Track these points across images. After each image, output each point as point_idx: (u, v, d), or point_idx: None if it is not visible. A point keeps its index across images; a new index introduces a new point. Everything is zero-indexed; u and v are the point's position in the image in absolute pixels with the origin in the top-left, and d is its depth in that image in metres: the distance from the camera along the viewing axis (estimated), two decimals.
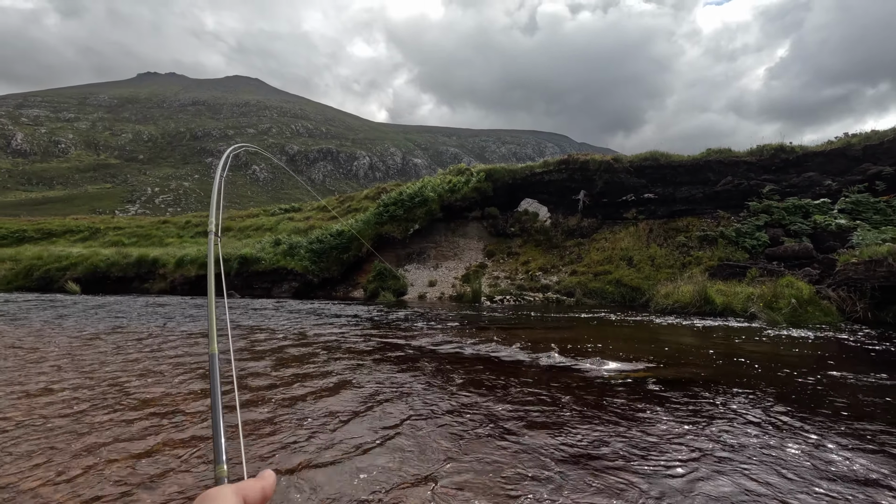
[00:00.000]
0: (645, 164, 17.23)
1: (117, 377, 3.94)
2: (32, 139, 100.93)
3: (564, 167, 18.44)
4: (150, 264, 16.93)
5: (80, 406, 3.11)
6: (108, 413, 2.98)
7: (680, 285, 11.14)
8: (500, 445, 2.53)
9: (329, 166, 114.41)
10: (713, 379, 4.15)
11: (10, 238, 26.39)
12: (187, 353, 5.10)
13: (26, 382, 3.74)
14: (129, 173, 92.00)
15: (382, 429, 2.75)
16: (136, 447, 2.45)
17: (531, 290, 14.21)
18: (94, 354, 4.93)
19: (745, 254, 12.78)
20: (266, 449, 2.44)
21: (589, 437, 2.67)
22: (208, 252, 1.62)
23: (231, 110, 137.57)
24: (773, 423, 2.91)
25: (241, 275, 16.06)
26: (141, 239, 23.54)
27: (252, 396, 3.38)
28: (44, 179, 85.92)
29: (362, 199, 23.39)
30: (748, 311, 9.23)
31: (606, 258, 15.03)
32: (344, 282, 16.52)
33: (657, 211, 16.66)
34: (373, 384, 3.83)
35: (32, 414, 2.95)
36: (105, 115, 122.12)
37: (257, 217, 25.99)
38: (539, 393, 3.64)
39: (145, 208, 74.01)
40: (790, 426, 2.86)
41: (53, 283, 16.55)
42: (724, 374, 4.37)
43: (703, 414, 3.14)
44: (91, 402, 3.19)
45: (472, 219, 18.87)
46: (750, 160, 15.90)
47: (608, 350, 5.51)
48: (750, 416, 3.07)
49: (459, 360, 4.96)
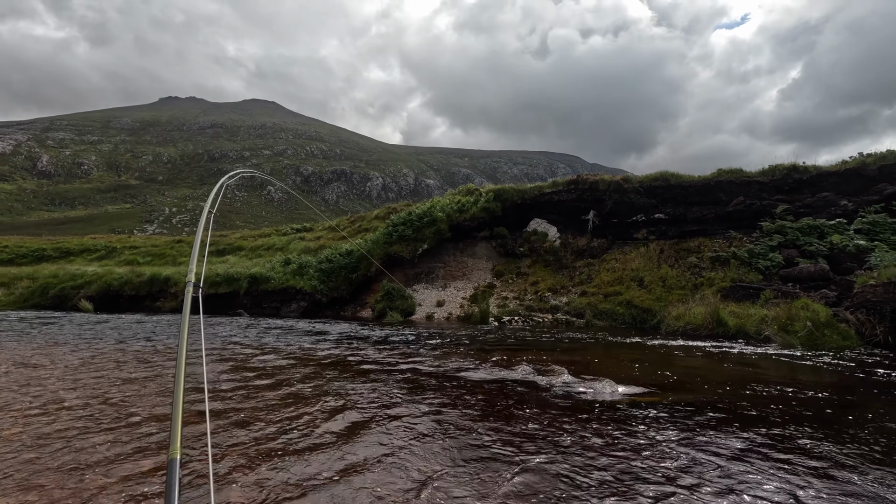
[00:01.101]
0: (655, 185, 17.12)
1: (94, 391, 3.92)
2: (57, 161, 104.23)
3: (574, 187, 18.40)
4: (162, 283, 17.12)
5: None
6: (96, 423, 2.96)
7: (692, 307, 10.91)
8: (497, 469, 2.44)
9: (343, 187, 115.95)
10: (728, 406, 4.00)
11: (29, 257, 27.01)
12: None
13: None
14: (149, 194, 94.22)
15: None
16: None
17: (540, 310, 14.03)
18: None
19: (759, 275, 12.50)
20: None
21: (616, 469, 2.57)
22: (184, 302, 1.57)
23: (248, 132, 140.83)
24: (795, 464, 2.77)
25: (251, 294, 16.14)
26: (155, 258, 23.89)
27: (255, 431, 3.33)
28: (66, 200, 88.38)
29: (373, 220, 23.54)
30: (762, 334, 8.98)
31: (617, 279, 14.83)
32: (352, 301, 16.50)
33: (668, 231, 16.47)
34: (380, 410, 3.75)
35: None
36: (127, 138, 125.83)
37: (269, 237, 26.27)
38: (559, 422, 3.53)
39: (163, 228, 75.46)
40: (813, 469, 2.72)
41: (67, 301, 16.80)
42: (740, 400, 4.21)
43: (717, 448, 3.01)
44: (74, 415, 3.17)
45: (480, 239, 18.84)
46: (762, 180, 15.71)
47: (619, 373, 5.37)
48: (769, 453, 2.93)
49: (469, 384, 4.87)
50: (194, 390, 4.00)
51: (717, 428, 3.30)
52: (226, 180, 2.29)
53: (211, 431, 2.97)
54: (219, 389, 4.23)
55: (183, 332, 1.43)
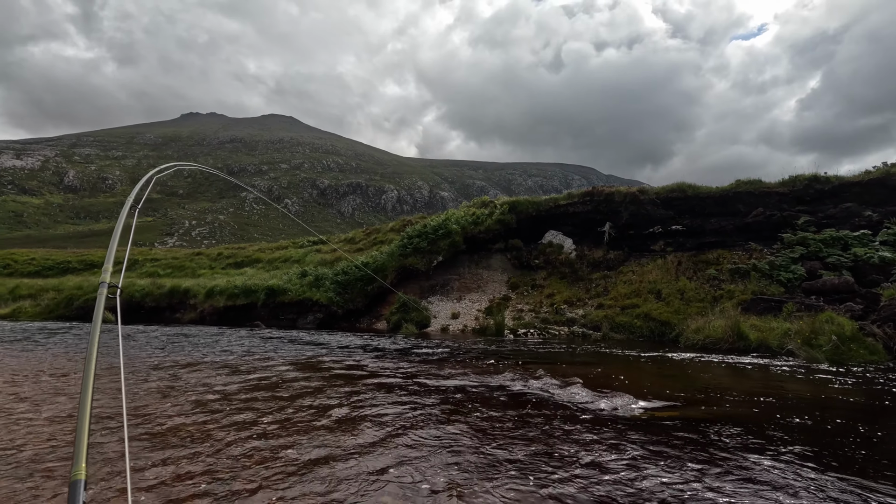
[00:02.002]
0: (672, 196, 16.96)
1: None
2: (83, 176, 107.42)
3: (589, 199, 18.32)
4: (182, 295, 17.43)
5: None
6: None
7: (711, 320, 10.71)
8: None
9: (358, 200, 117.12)
10: (752, 423, 3.92)
11: (55, 269, 27.78)
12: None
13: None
14: (169, 207, 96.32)
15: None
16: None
17: (556, 323, 13.92)
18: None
19: (781, 287, 12.24)
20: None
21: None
22: (97, 305, 1.42)
23: (266, 147, 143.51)
24: (826, 490, 2.69)
25: (268, 305, 16.32)
26: (175, 270, 24.35)
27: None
28: (91, 213, 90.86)
29: (388, 232, 23.70)
30: (785, 348, 8.77)
31: (634, 291, 14.65)
32: (368, 313, 16.57)
33: (686, 243, 16.26)
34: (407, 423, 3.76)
35: None
36: (150, 153, 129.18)
37: (286, 249, 26.61)
38: (590, 437, 3.51)
39: (182, 240, 76.93)
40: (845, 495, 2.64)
41: (91, 313, 17.18)
42: (765, 416, 4.12)
43: (743, 471, 2.95)
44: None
45: (495, 251, 18.82)
46: (782, 191, 15.45)
47: (638, 387, 5.30)
48: (801, 472, 2.87)
49: (486, 396, 4.85)
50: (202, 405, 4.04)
51: (742, 446, 3.23)
52: (155, 174, 2.20)
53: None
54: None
55: (94, 336, 1.34)
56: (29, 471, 2.56)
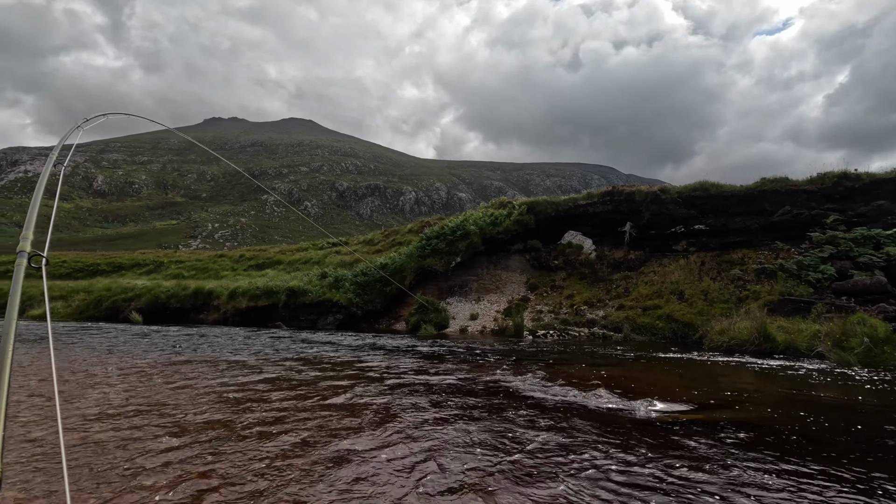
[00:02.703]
0: (694, 195, 16.63)
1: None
2: (111, 181, 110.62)
3: (609, 199, 18.09)
4: (206, 296, 17.78)
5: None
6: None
7: (736, 321, 10.47)
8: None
9: (377, 201, 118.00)
10: (780, 428, 3.82)
11: (85, 271, 28.65)
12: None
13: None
14: (193, 210, 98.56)
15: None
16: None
17: (576, 324, 13.78)
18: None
19: (809, 288, 11.89)
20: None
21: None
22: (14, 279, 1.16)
23: (286, 150, 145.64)
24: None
25: (289, 306, 16.55)
26: (199, 272, 24.87)
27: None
28: (118, 217, 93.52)
29: (406, 233, 23.81)
30: (814, 350, 8.52)
31: (655, 292, 14.42)
32: (387, 314, 16.66)
33: (709, 243, 15.93)
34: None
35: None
36: (174, 158, 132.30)
37: (306, 251, 26.93)
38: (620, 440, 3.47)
39: (206, 242, 78.57)
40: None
41: (120, 313, 17.69)
42: (793, 421, 4.01)
43: (770, 480, 2.88)
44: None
45: (514, 252, 18.73)
46: (810, 189, 15.02)
47: (660, 389, 5.21)
48: (825, 485, 2.79)
49: (512, 399, 4.84)
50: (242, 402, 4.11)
51: (768, 451, 3.15)
52: (83, 124, 1.98)
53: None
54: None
55: (10, 316, 1.08)
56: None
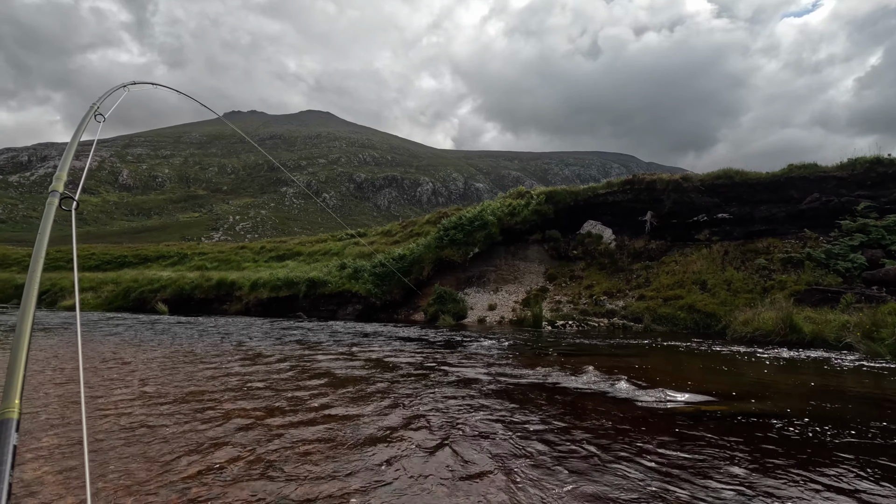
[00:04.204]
0: (718, 183, 16.25)
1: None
2: (136, 175, 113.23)
3: (629, 187, 17.81)
4: (228, 287, 18.17)
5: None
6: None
7: (761, 311, 10.25)
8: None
9: (394, 193, 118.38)
10: (808, 419, 3.75)
11: (113, 263, 29.52)
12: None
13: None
14: (214, 203, 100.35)
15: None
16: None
17: (595, 315, 13.67)
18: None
19: (838, 277, 11.55)
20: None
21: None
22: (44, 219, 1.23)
23: (304, 142, 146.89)
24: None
25: (309, 297, 16.80)
26: (221, 263, 25.38)
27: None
28: (143, 210, 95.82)
29: (424, 224, 23.86)
30: (843, 342, 8.30)
31: (677, 282, 14.19)
32: (405, 305, 16.78)
33: (733, 232, 15.57)
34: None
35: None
36: (196, 151, 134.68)
37: (325, 242, 27.23)
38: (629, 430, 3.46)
39: (227, 235, 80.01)
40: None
41: (146, 304, 18.20)
42: (819, 414, 3.93)
43: (798, 480, 2.83)
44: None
45: (532, 242, 18.61)
46: (840, 175, 14.53)
47: (682, 380, 5.15)
48: (856, 481, 2.73)
49: (524, 389, 4.85)
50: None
51: (795, 444, 3.09)
52: (129, 83, 1.99)
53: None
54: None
55: (38, 253, 1.04)
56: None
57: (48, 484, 2.24)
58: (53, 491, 2.17)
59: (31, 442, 2.80)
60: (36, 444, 2.76)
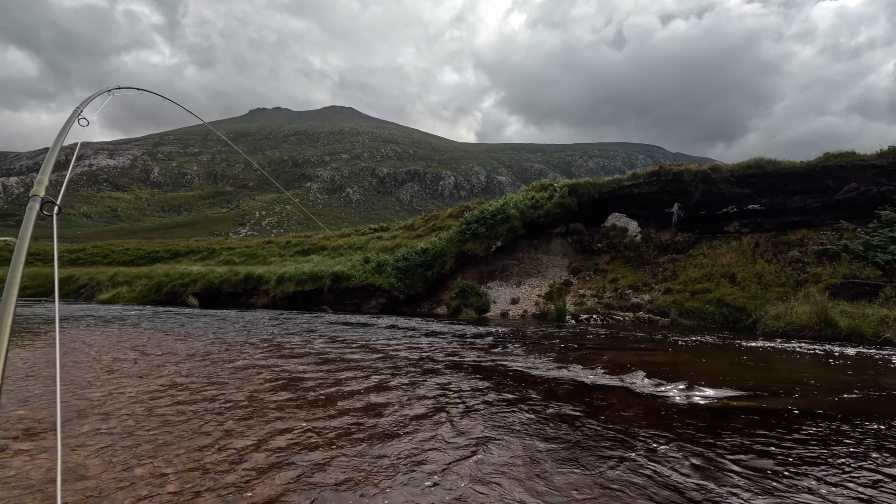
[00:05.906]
0: (748, 173, 15.74)
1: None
2: (166, 172, 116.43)
3: (655, 179, 17.42)
4: (255, 281, 18.56)
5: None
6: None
7: (794, 305, 9.95)
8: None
9: (416, 187, 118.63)
10: (840, 415, 3.65)
11: (146, 258, 30.57)
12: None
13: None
14: (241, 199, 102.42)
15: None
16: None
17: (620, 309, 13.49)
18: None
19: (877, 270, 11.10)
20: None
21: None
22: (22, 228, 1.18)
23: (328, 138, 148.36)
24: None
25: (334, 291, 17.03)
26: (248, 258, 25.96)
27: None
28: (174, 206, 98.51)
29: (446, 218, 23.88)
30: (881, 337, 8.00)
31: (705, 275, 13.87)
32: (428, 298, 16.87)
33: (764, 223, 15.09)
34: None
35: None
36: (223, 148, 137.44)
37: (349, 237, 27.55)
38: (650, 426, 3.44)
39: (254, 230, 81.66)
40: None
41: (178, 298, 18.77)
42: (854, 411, 3.81)
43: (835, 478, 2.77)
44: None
45: (555, 235, 18.43)
46: (880, 163, 13.90)
47: (709, 376, 5.06)
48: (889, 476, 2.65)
49: (547, 384, 4.85)
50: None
51: (827, 441, 3.02)
52: (114, 88, 1.87)
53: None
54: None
55: (19, 253, 1.04)
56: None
57: (91, 467, 2.37)
58: (96, 471, 2.29)
59: (74, 428, 2.95)
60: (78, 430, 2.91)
